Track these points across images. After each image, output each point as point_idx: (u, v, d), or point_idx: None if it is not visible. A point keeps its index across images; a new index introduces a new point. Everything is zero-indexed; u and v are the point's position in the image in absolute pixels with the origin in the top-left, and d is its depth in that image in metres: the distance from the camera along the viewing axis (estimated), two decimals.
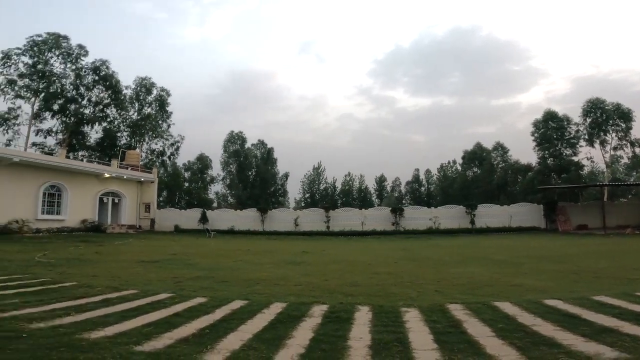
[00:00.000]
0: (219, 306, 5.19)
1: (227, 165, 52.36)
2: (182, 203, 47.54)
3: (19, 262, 9.91)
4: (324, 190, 57.65)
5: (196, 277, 8.08)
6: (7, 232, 18.36)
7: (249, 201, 45.45)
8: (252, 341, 3.73)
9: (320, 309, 5.11)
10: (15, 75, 31.56)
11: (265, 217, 29.46)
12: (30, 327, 3.97)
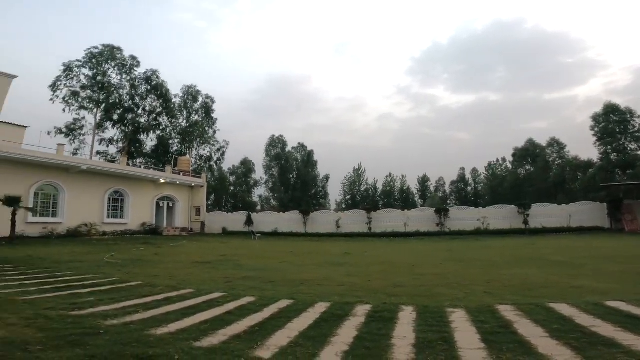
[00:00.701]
0: (267, 305, 5.45)
1: (269, 169, 53.93)
2: (228, 206, 49.73)
3: (90, 262, 10.86)
4: (364, 191, 57.30)
5: (245, 278, 8.50)
6: (78, 235, 20.41)
7: (290, 204, 46.44)
8: (298, 338, 3.91)
9: (363, 309, 5.19)
10: (78, 87, 34.08)
11: (307, 219, 29.96)
12: (105, 324, 4.32)
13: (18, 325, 4.10)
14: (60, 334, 3.81)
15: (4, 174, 17.48)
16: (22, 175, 18.69)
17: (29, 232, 18.04)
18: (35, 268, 9.28)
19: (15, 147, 18.81)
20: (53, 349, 3.33)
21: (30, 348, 3.36)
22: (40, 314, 4.62)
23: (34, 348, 3.36)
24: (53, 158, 20.45)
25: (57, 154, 21.36)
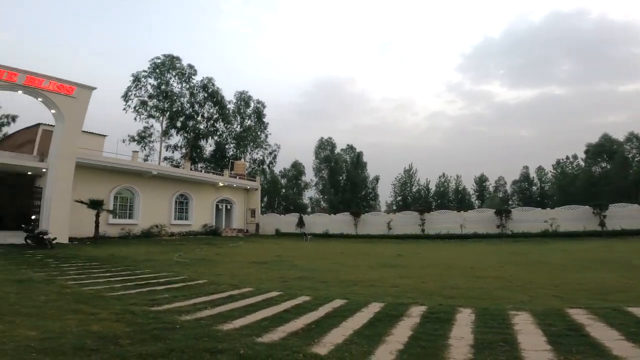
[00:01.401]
0: (322, 304, 5.65)
1: (319, 171, 54.66)
2: (280, 208, 51.29)
3: (162, 261, 11.67)
4: (416, 192, 55.69)
5: (300, 278, 8.82)
6: (150, 235, 22.48)
7: (340, 205, 46.66)
8: (353, 336, 4.05)
9: (418, 310, 5.19)
10: (146, 96, 36.83)
11: (358, 221, 29.89)
12: (180, 320, 4.63)
13: (108, 320, 4.50)
14: (144, 328, 4.17)
15: (88, 179, 19.57)
16: (103, 180, 20.98)
17: (109, 233, 20.24)
18: (117, 266, 10.22)
19: (97, 155, 21.14)
20: (139, 343, 3.63)
21: (121, 342, 3.66)
22: (126, 310, 5.06)
23: (124, 342, 3.66)
24: (129, 164, 22.77)
25: (132, 161, 23.73)
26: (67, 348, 3.38)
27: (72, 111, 17.81)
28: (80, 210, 17.42)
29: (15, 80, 16.31)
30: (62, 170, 17.23)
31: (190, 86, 39.41)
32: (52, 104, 17.37)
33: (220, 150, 41.68)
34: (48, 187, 16.99)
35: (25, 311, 4.76)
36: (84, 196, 17.66)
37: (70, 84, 17.89)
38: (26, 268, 9.06)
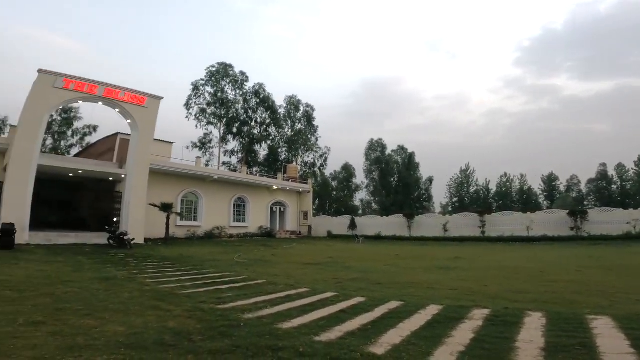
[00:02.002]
0: (377, 306, 5.66)
1: (369, 173, 54.04)
2: (331, 210, 51.60)
3: (224, 261, 12.25)
4: (474, 193, 52.67)
5: (353, 279, 8.87)
6: (212, 237, 23.98)
7: (392, 207, 45.70)
8: (410, 337, 4.03)
9: (481, 313, 5.02)
10: (205, 104, 38.94)
11: (411, 223, 29.11)
12: (244, 318, 4.81)
13: (182, 316, 4.76)
14: (213, 325, 4.39)
15: (158, 184, 21.15)
16: (171, 185, 22.78)
17: (177, 234, 21.91)
18: (186, 265, 10.86)
19: (166, 161, 23.04)
20: (209, 340, 3.82)
21: (193, 338, 3.86)
22: (197, 307, 5.33)
23: (196, 338, 3.86)
24: (194, 169, 24.57)
25: (196, 166, 25.57)
26: (149, 343, 3.63)
27: (144, 120, 19.30)
28: (152, 213, 19.12)
29: (96, 92, 17.79)
30: (138, 176, 18.85)
31: (244, 92, 40.97)
32: (128, 114, 18.89)
33: (273, 154, 43.02)
34: (126, 191, 18.72)
35: (113, 307, 5.19)
36: (156, 200, 19.34)
37: (141, 94, 19.33)
38: (110, 267, 9.89)
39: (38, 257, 10.93)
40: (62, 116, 36.11)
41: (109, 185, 21.05)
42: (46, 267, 9.07)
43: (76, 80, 17.08)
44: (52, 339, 3.60)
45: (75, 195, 24.54)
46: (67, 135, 37.13)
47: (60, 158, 20.91)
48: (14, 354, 3.15)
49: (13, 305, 4.96)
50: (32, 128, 15.76)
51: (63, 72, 16.78)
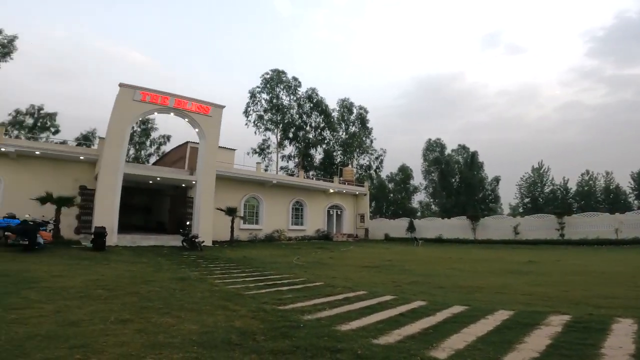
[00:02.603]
0: (439, 310, 5.46)
1: (428, 174, 52.01)
2: (388, 213, 50.55)
3: (284, 263, 12.40)
4: (549, 193, 47.84)
5: (413, 282, 8.64)
6: (272, 240, 24.91)
7: (454, 209, 43.44)
8: (476, 342, 3.84)
9: (559, 319, 4.63)
10: (261, 110, 40.41)
11: (476, 225, 27.40)
12: (303, 319, 4.89)
13: (247, 317, 4.93)
14: (275, 325, 4.51)
15: (223, 189, 22.34)
16: (235, 190, 24.04)
17: (241, 237, 23.09)
18: (249, 267, 11.20)
19: (229, 167, 24.34)
20: (271, 340, 3.94)
21: (257, 338, 4.00)
22: (260, 308, 5.49)
23: (259, 338, 4.00)
24: (254, 175, 25.81)
25: (257, 171, 26.84)
26: (218, 342, 3.81)
27: (210, 129, 20.56)
28: (219, 216, 20.43)
29: (168, 104, 19.24)
30: (206, 182, 20.20)
31: (297, 98, 41.89)
32: (195, 123, 20.25)
33: (328, 158, 43.38)
34: (197, 196, 20.18)
35: (188, 306, 5.45)
36: (222, 204, 20.62)
37: (206, 104, 20.56)
38: (185, 267, 10.44)
39: (125, 258, 12.12)
40: (141, 127, 40.19)
41: (182, 191, 22.97)
42: (132, 268, 9.84)
43: (151, 92, 18.64)
44: (138, 337, 3.90)
45: (154, 200, 27.20)
46: (146, 145, 41.29)
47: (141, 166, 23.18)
48: (105, 351, 3.41)
49: (105, 304, 5.46)
50: (118, 139, 17.63)
51: (140, 85, 18.41)
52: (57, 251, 12.44)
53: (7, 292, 5.82)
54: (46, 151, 17.81)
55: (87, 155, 18.90)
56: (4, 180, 16.65)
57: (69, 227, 17.19)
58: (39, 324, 4.17)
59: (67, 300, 5.52)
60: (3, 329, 3.86)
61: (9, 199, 16.22)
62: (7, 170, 16.85)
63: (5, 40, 29.48)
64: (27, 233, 11.76)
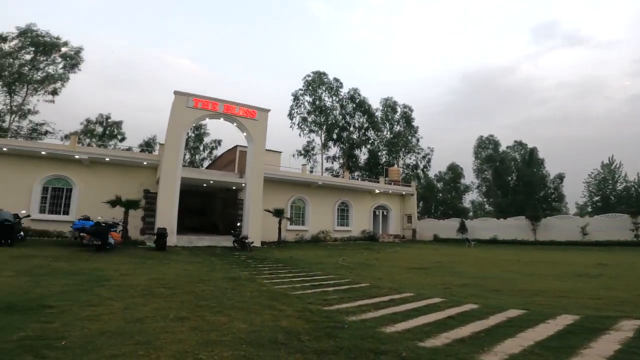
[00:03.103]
0: (493, 313, 5.21)
1: (480, 172, 49.36)
2: (437, 213, 48.70)
3: (329, 264, 12.45)
4: (623, 190, 42.99)
5: (464, 285, 8.27)
6: (317, 240, 25.17)
7: (511, 209, 40.74)
8: (533, 347, 3.62)
9: (632, 324, 4.26)
10: (305, 112, 40.94)
11: (537, 226, 25.42)
12: (347, 320, 4.92)
13: (293, 316, 5.03)
14: (319, 326, 4.57)
15: (271, 191, 22.99)
16: (281, 191, 24.62)
17: (288, 238, 23.58)
18: (296, 267, 11.33)
19: (276, 169, 24.99)
20: (315, 340, 3.99)
21: (302, 337, 4.05)
22: (305, 308, 5.56)
23: (304, 338, 4.05)
24: (300, 176, 26.29)
25: (302, 173, 27.31)
26: (265, 341, 3.91)
27: (257, 132, 21.26)
28: (267, 218, 21.07)
29: (217, 109, 20.08)
30: (255, 185, 20.94)
31: (339, 99, 41.96)
32: (243, 127, 21.04)
33: (373, 158, 42.87)
34: (246, 198, 20.97)
35: (238, 305, 5.63)
36: (269, 206, 21.25)
37: (252, 108, 21.27)
38: (236, 267, 10.77)
39: (183, 258, 12.86)
40: (195, 133, 42.74)
41: (233, 193, 24.09)
42: (189, 267, 10.25)
43: (202, 99, 19.75)
44: (193, 334, 4.06)
45: (208, 202, 28.79)
46: (200, 149, 43.83)
47: (196, 170, 24.68)
48: (164, 347, 3.58)
49: (165, 302, 5.72)
50: (175, 145, 18.91)
51: (192, 92, 19.57)
52: (125, 251, 13.63)
53: (82, 289, 6.38)
54: (114, 158, 19.65)
55: (150, 160, 20.49)
56: (79, 185, 18.63)
57: (135, 228, 18.79)
58: (109, 320, 4.49)
59: (133, 297, 5.92)
60: (78, 325, 4.20)
61: (83, 203, 18.16)
62: (81, 176, 18.81)
63: (72, 52, 32.41)
64: (100, 234, 13.05)
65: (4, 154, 17.37)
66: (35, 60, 30.86)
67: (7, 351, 3.24)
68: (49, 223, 17.25)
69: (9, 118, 30.83)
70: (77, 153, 18.39)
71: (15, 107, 30.93)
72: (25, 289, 6.08)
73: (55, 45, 31.39)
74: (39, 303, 5.10)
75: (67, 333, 3.87)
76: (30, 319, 4.31)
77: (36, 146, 18.58)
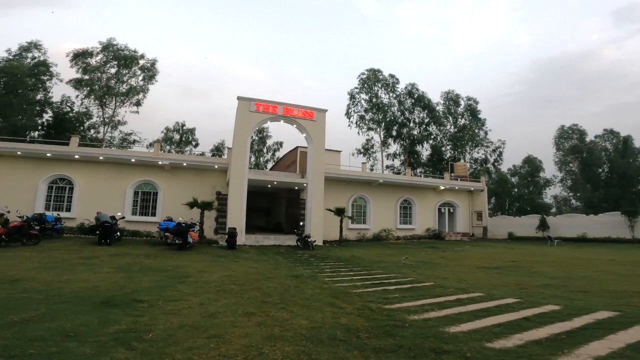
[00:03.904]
0: (577, 315, 4.76)
1: (563, 165, 44.34)
2: (512, 210, 44.87)
3: (391, 263, 12.26)
4: None
5: (544, 285, 7.59)
6: (379, 239, 24.78)
7: (603, 203, 35.99)
8: (624, 350, 3.28)
9: None
10: (362, 111, 40.47)
11: (635, 222, 22.10)
12: (409, 318, 4.90)
13: (353, 314, 5.09)
14: (379, 324, 4.59)
15: (331, 190, 23.25)
16: (342, 190, 24.76)
17: (349, 236, 23.59)
18: (357, 266, 11.32)
19: (336, 169, 25.14)
20: (375, 338, 4.03)
21: (361, 335, 4.11)
22: (365, 306, 5.61)
23: (362, 335, 4.10)
24: (360, 175, 26.10)
25: (362, 172, 27.11)
26: (324, 337, 4.00)
27: (316, 133, 21.60)
28: (328, 217, 21.41)
29: (277, 112, 20.13)
30: (316, 184, 21.34)
31: (397, 95, 40.90)
32: (303, 128, 21.54)
33: (437, 153, 40.99)
34: (308, 198, 21.41)
35: (300, 302, 5.80)
36: (330, 205, 21.56)
37: (310, 109, 21.65)
38: (299, 265, 11.01)
39: (251, 256, 13.49)
40: (258, 136, 44.99)
41: (295, 193, 24.87)
42: (256, 265, 10.71)
43: (263, 103, 20.66)
44: (258, 329, 4.26)
45: (273, 203, 30.13)
46: (263, 152, 46.02)
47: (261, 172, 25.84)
48: (232, 341, 3.82)
49: (235, 297, 6.04)
50: (241, 148, 20.05)
51: (254, 97, 20.58)
52: (202, 249, 14.85)
53: (166, 285, 6.93)
54: (190, 162, 21.48)
55: (220, 164, 21.97)
56: (163, 189, 20.77)
57: (210, 228, 20.44)
58: (187, 314, 4.84)
59: (208, 293, 6.31)
60: (162, 319, 4.55)
61: (166, 205, 20.23)
62: (164, 180, 20.92)
63: (148, 63, 35.77)
64: (181, 234, 14.42)
65: (102, 162, 20.03)
66: (119, 73, 34.55)
67: (103, 343, 3.61)
68: (139, 224, 19.55)
69: (103, 129, 35.14)
70: (161, 159, 20.52)
71: (107, 119, 35.07)
72: (121, 284, 6.93)
73: (134, 58, 34.88)
74: (132, 298, 5.72)
75: (153, 326, 4.25)
76: (124, 313, 4.79)
77: (127, 154, 21.15)
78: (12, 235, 12.45)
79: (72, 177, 19.14)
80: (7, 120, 27.51)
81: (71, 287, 6.37)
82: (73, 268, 8.55)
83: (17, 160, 18.68)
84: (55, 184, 19.07)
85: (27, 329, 3.93)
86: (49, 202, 18.73)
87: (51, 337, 3.67)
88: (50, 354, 3.21)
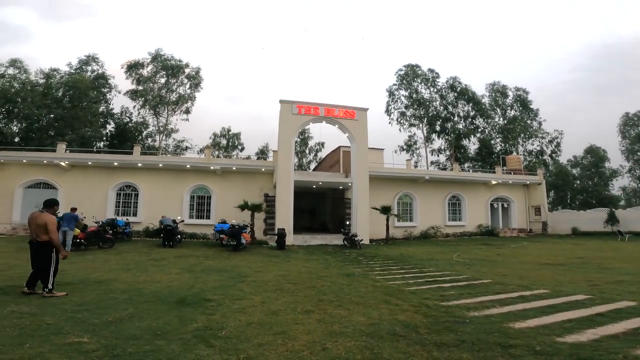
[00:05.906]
0: None
1: (631, 154, 40.20)
2: (575, 203, 41.40)
3: (443, 260, 12.07)
4: None
5: (618, 282, 7.10)
6: (427, 237, 24.10)
7: None
8: None
9: None
10: (402, 107, 39.71)
11: None
12: (468, 315, 4.88)
13: (409, 311, 5.15)
14: (438, 320, 4.62)
15: (376, 188, 22.91)
16: (387, 188, 24.40)
17: (396, 234, 23.26)
18: (407, 264, 11.24)
19: (379, 167, 24.80)
20: (435, 333, 4.10)
21: (420, 331, 4.20)
22: (422, 303, 5.65)
23: (422, 331, 4.19)
24: (405, 172, 25.68)
25: (407, 169, 26.63)
26: (383, 333, 4.12)
27: (358, 132, 21.58)
28: (374, 215, 21.25)
29: (319, 113, 20.57)
30: (361, 183, 21.29)
31: (438, 89, 39.67)
32: (345, 128, 21.61)
33: (485, 147, 39.03)
34: (353, 197, 21.50)
35: (355, 300, 5.92)
36: (375, 203, 21.37)
37: (351, 108, 21.64)
38: (349, 264, 11.10)
39: (300, 256, 13.27)
40: (300, 137, 45.66)
41: (340, 192, 25.07)
42: (307, 264, 10.89)
43: (304, 105, 21.00)
44: (319, 326, 4.40)
45: (318, 203, 30.54)
46: (306, 153, 46.78)
47: (306, 173, 26.42)
48: (297, 337, 3.97)
49: (292, 296, 6.22)
50: (286, 151, 20.54)
51: (295, 100, 21.00)
52: (254, 250, 15.44)
53: (229, 285, 7.20)
54: (239, 166, 22.54)
55: (266, 167, 22.81)
56: (216, 193, 21.94)
57: (259, 229, 21.25)
58: (252, 312, 5.04)
59: (267, 292, 6.55)
60: (231, 317, 4.78)
61: (219, 208, 21.35)
62: (216, 185, 22.07)
63: (193, 72, 37.60)
64: (235, 235, 15.17)
65: (160, 169, 21.63)
66: (168, 82, 36.77)
67: (186, 341, 3.81)
68: (196, 226, 20.86)
69: (159, 137, 37.69)
70: (212, 164, 21.72)
71: (162, 127, 37.51)
72: (189, 284, 7.39)
73: (180, 67, 36.99)
74: (202, 297, 5.99)
75: (225, 324, 4.45)
76: (197, 312, 5.03)
77: (182, 161, 22.67)
78: (90, 239, 13.90)
79: (136, 184, 20.94)
80: (75, 132, 30.19)
81: (149, 287, 6.86)
82: (147, 269, 9.30)
83: (88, 169, 20.83)
84: (123, 191, 20.99)
85: (121, 328, 4.22)
86: (117, 207, 20.66)
87: (142, 336, 3.94)
88: (145, 352, 3.45)
